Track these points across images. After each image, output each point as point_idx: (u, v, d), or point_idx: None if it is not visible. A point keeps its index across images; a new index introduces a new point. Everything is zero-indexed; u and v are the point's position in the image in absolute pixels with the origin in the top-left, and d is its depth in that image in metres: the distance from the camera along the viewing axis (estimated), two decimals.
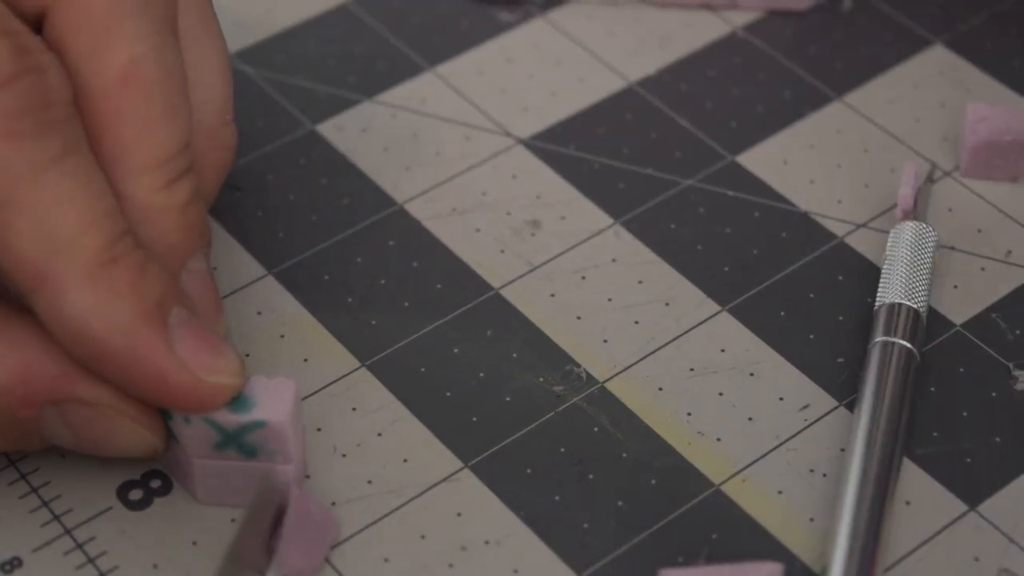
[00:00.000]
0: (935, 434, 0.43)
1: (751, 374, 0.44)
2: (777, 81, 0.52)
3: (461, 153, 0.50)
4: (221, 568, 0.38)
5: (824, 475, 0.42)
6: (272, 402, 0.40)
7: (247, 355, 0.44)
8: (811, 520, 0.41)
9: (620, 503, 0.42)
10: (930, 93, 0.51)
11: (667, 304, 0.46)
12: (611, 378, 0.44)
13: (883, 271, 0.45)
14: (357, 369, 0.44)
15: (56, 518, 0.41)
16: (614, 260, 0.47)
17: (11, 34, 0.38)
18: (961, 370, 0.44)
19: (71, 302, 0.38)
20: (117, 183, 0.40)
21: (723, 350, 0.45)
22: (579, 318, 0.46)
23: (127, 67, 0.40)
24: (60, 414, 0.39)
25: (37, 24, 0.40)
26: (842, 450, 0.43)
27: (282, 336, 0.45)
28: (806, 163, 0.49)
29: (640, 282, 0.46)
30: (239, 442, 0.40)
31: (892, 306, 0.44)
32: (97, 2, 0.40)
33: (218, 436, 0.40)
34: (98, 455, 0.41)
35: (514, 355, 0.45)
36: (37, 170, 0.38)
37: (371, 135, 0.50)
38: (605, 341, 0.45)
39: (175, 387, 0.39)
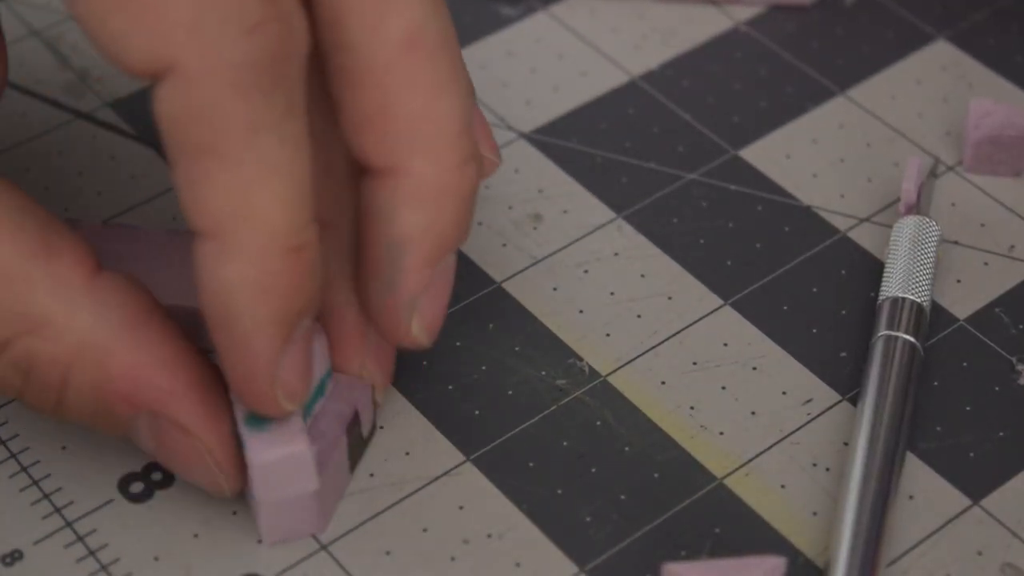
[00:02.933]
0: (938, 428, 0.43)
1: (754, 368, 0.44)
2: (780, 76, 0.52)
3: None
4: None
5: (827, 469, 0.42)
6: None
7: None
8: (814, 514, 0.41)
9: (622, 497, 0.42)
10: (933, 88, 0.51)
11: (669, 298, 0.46)
12: (613, 372, 0.44)
13: (886, 265, 0.45)
14: None
15: (57, 511, 0.41)
16: (616, 254, 0.47)
17: None
18: (964, 364, 0.44)
19: (233, 272, 0.36)
20: (400, 158, 0.37)
21: (726, 344, 0.45)
22: (581, 312, 0.45)
23: (412, 32, 0.37)
24: (152, 424, 0.38)
25: None
26: (845, 444, 0.43)
27: None
28: (809, 158, 0.49)
29: (642, 276, 0.46)
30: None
31: (895, 300, 0.44)
32: None
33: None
34: (169, 470, 0.40)
35: (516, 349, 0.45)
36: (256, 129, 0.35)
37: None
38: (607, 335, 0.45)
39: (252, 391, 0.38)
